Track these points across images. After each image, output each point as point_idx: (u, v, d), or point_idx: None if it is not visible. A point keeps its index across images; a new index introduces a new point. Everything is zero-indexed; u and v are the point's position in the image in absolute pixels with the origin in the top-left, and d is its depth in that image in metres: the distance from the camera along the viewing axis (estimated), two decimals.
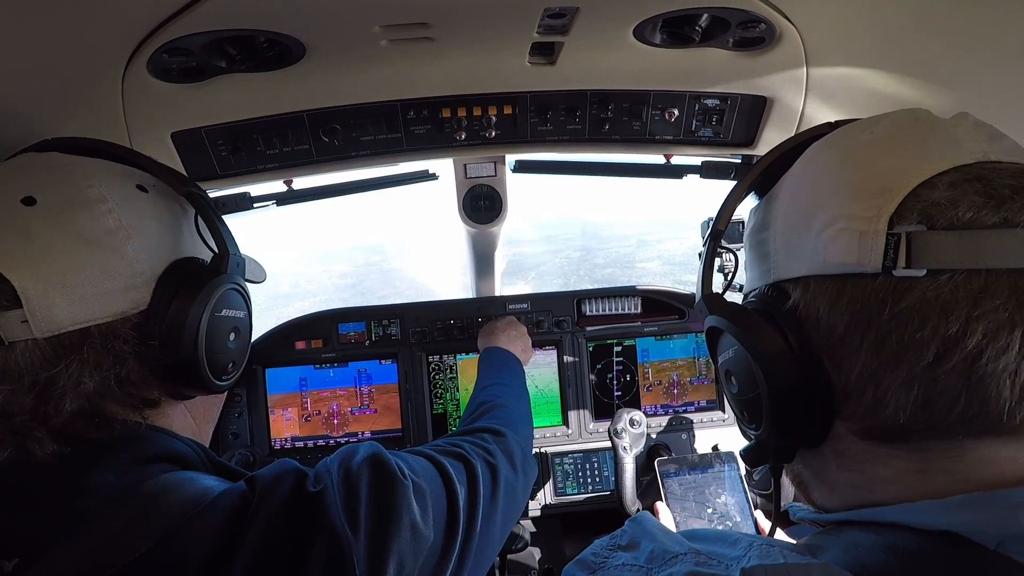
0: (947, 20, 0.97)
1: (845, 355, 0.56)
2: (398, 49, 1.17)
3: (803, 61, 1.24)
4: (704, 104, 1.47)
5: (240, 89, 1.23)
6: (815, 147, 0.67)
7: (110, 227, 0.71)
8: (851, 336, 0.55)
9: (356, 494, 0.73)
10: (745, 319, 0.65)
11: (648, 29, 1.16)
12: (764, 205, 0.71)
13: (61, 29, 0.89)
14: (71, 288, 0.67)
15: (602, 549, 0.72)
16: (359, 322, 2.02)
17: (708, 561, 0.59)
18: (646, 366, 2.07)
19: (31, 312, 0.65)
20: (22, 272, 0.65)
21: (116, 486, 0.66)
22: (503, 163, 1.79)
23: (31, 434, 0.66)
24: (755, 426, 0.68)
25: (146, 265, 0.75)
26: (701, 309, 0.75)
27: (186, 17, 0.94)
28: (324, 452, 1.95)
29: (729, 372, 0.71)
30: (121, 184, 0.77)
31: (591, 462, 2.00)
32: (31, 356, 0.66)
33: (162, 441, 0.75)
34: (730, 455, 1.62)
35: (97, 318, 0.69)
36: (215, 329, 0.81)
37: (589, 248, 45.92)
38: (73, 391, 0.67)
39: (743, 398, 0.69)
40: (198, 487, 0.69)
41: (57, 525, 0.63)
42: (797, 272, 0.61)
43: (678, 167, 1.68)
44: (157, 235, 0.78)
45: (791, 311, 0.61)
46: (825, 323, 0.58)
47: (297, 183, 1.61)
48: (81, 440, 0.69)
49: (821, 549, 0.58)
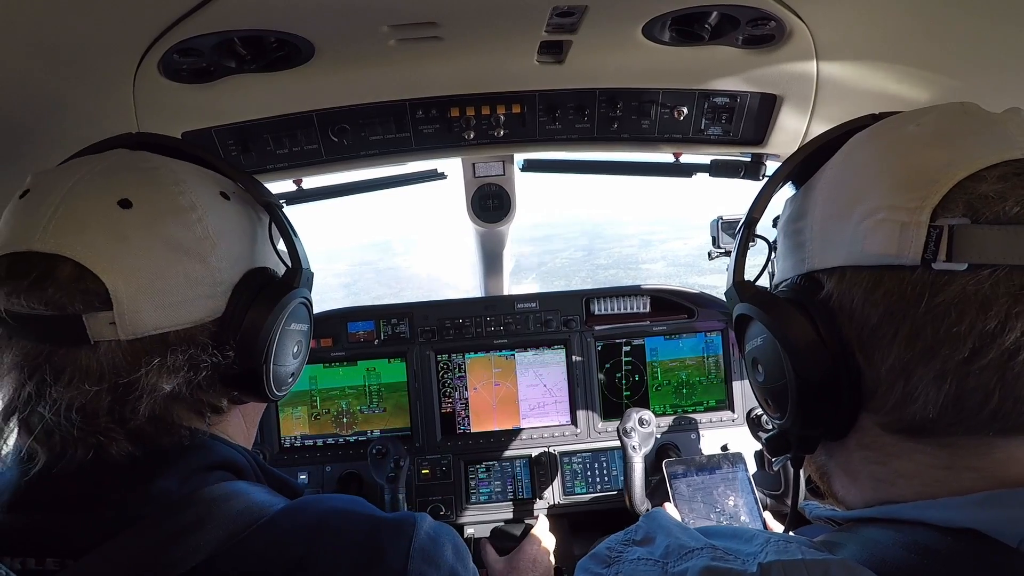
0: (957, 18, 0.97)
1: (877, 347, 0.56)
2: (407, 49, 1.17)
3: (813, 58, 1.23)
4: (713, 102, 1.46)
5: (250, 89, 1.23)
6: (858, 137, 0.65)
7: (199, 236, 0.73)
8: (884, 328, 0.55)
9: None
10: (776, 307, 0.64)
11: (657, 27, 1.15)
12: (802, 195, 0.69)
13: (73, 30, 0.90)
14: (158, 294, 0.68)
15: (617, 544, 0.72)
16: (368, 321, 2.03)
17: (725, 556, 0.58)
18: (655, 365, 2.06)
19: (120, 314, 0.66)
20: (116, 275, 0.66)
21: (176, 493, 0.68)
22: (512, 162, 1.79)
23: (111, 435, 0.67)
24: (780, 415, 0.68)
25: (226, 274, 0.76)
26: (731, 296, 0.74)
27: (196, 18, 0.95)
28: (333, 451, 1.97)
29: (756, 360, 0.70)
30: (208, 191, 0.78)
31: (600, 461, 2.00)
32: (112, 357, 0.67)
33: (219, 449, 0.77)
34: (739, 456, 1.61)
35: (177, 324, 0.71)
36: (284, 341, 0.82)
37: (591, 248, 45.34)
38: (150, 395, 0.68)
39: (770, 387, 0.68)
40: (252, 500, 0.70)
41: (107, 527, 0.64)
42: (833, 262, 0.60)
43: (687, 165, 1.68)
44: (237, 244, 0.79)
45: (824, 301, 0.61)
46: (859, 314, 0.57)
47: (307, 182, 1.62)
48: (153, 444, 0.70)
49: (839, 546, 0.58)
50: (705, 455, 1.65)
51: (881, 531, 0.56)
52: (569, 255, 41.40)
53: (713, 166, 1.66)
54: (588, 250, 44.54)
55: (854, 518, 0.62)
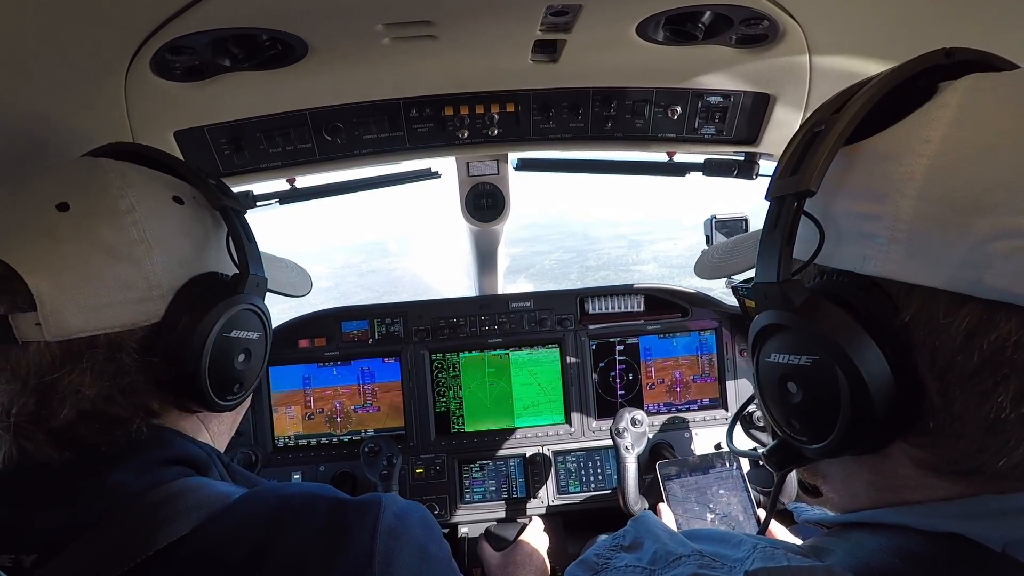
0: (951, 14, 0.97)
1: (965, 394, 0.47)
2: (401, 47, 1.17)
3: (806, 58, 1.24)
4: (707, 101, 1.46)
5: (243, 88, 1.23)
6: (974, 100, 0.48)
7: (133, 238, 0.72)
8: (984, 377, 0.45)
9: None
10: (845, 328, 0.50)
11: (651, 26, 1.15)
12: (876, 162, 0.51)
13: (64, 28, 0.89)
14: (85, 296, 0.68)
15: (605, 550, 0.71)
16: (362, 320, 2.02)
17: (712, 563, 0.58)
18: (649, 364, 2.06)
19: (44, 316, 0.66)
20: (41, 276, 0.66)
21: (133, 486, 0.67)
22: (506, 161, 1.80)
23: (29, 435, 0.67)
24: (811, 440, 0.57)
25: (164, 278, 0.74)
26: (770, 297, 0.56)
27: (189, 15, 0.94)
28: (327, 450, 1.96)
29: (787, 378, 0.57)
30: (156, 195, 0.77)
31: (593, 461, 2.00)
32: (40, 359, 0.67)
33: (179, 444, 0.76)
34: (732, 456, 1.61)
35: (106, 327, 0.70)
36: (223, 348, 0.79)
37: (580, 249, 44.81)
38: (73, 397, 0.68)
39: (807, 411, 0.56)
40: (212, 492, 0.69)
41: (74, 523, 0.64)
42: (923, 279, 0.47)
43: (681, 164, 1.68)
44: (181, 249, 0.78)
45: (903, 328, 0.49)
46: (950, 354, 0.46)
47: (300, 182, 1.61)
48: (86, 445, 0.69)
49: (826, 551, 0.57)
50: (698, 455, 1.65)
51: (868, 536, 0.56)
52: (558, 257, 40.88)
53: (707, 165, 1.67)
54: (577, 251, 44.02)
55: (842, 522, 0.61)
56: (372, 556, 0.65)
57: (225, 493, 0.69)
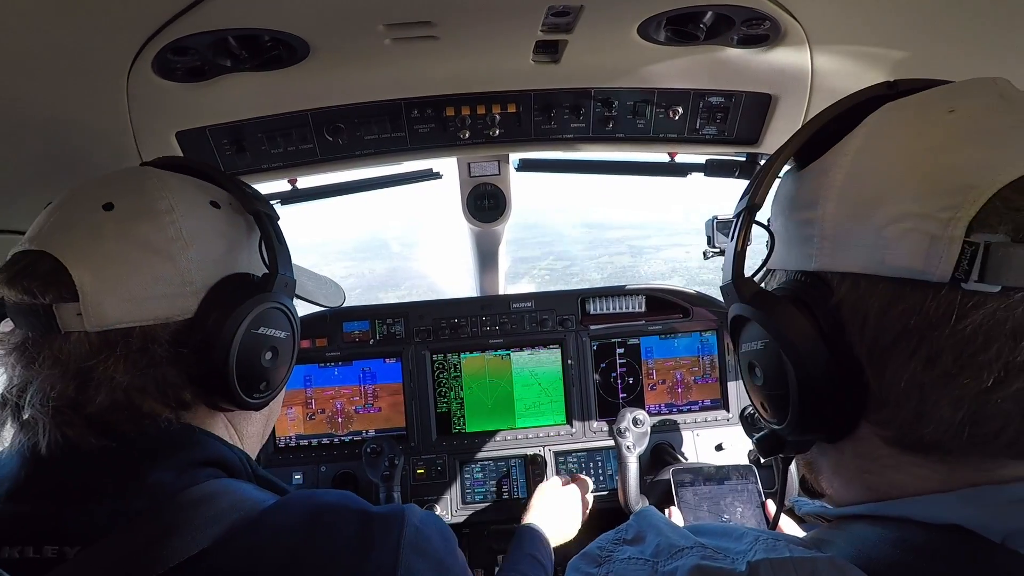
0: (953, 16, 0.97)
1: (890, 364, 0.52)
2: (402, 48, 1.17)
3: (808, 58, 1.24)
4: (708, 102, 1.46)
5: (244, 88, 1.23)
6: (880, 120, 0.58)
7: (170, 236, 0.76)
8: (900, 346, 0.51)
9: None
10: (782, 312, 0.58)
11: (652, 27, 1.15)
12: (813, 177, 0.61)
13: (66, 30, 0.89)
14: (124, 289, 0.73)
15: (608, 543, 0.71)
16: (363, 321, 2.02)
17: (714, 555, 0.58)
18: (650, 365, 2.06)
19: (85, 307, 0.71)
20: (84, 270, 0.71)
21: (171, 486, 0.70)
22: (507, 162, 1.79)
23: (69, 421, 0.71)
24: (777, 420, 0.64)
25: (197, 275, 0.78)
26: (729, 293, 0.66)
27: (191, 16, 0.95)
28: (328, 450, 1.96)
29: (754, 364, 0.65)
30: (194, 198, 0.82)
31: (595, 461, 2.00)
32: (79, 347, 0.72)
33: (212, 446, 0.79)
34: (749, 468, 1.60)
35: (141, 319, 0.74)
36: (250, 344, 0.82)
37: (573, 256, 43.64)
38: (108, 384, 0.72)
39: (768, 393, 0.64)
40: (243, 497, 0.71)
41: (112, 518, 0.67)
42: (846, 266, 0.55)
43: (682, 165, 1.68)
44: (215, 249, 0.82)
45: (834, 308, 0.56)
46: (872, 328, 0.53)
47: (301, 182, 1.61)
48: (119, 433, 0.72)
49: (827, 543, 0.58)
50: (714, 465, 1.64)
51: (869, 528, 0.56)
52: (548, 264, 39.83)
53: (708, 166, 1.66)
54: (570, 258, 42.79)
55: (843, 515, 0.62)
56: (396, 569, 0.69)
57: (257, 499, 0.72)
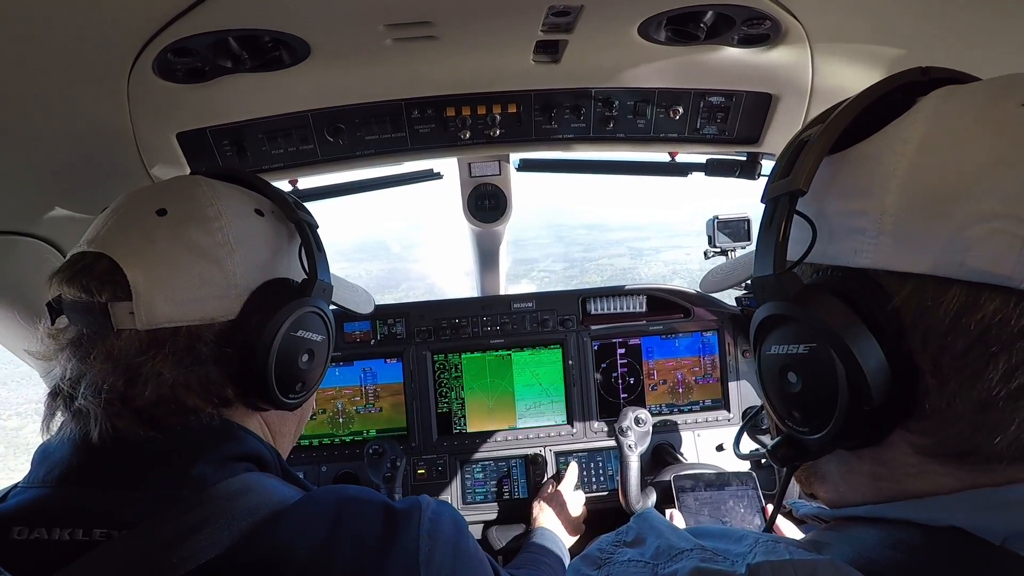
0: (953, 13, 0.97)
1: (957, 376, 0.48)
2: (402, 48, 1.17)
3: (808, 57, 1.24)
4: (709, 102, 1.46)
5: (245, 89, 1.23)
6: (944, 108, 0.53)
7: (217, 241, 0.81)
8: (974, 356, 0.47)
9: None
10: (839, 316, 0.52)
11: (653, 27, 1.15)
12: (860, 163, 0.55)
13: (66, 31, 0.89)
14: (173, 290, 0.77)
15: (608, 545, 0.71)
16: (364, 321, 2.03)
17: (714, 557, 0.58)
18: (651, 365, 2.06)
19: (137, 306, 0.75)
20: (138, 270, 0.76)
21: (211, 477, 0.73)
22: (507, 162, 1.79)
23: (119, 414, 0.74)
24: (812, 430, 0.58)
25: (242, 279, 0.82)
26: (768, 288, 0.59)
27: (191, 17, 0.95)
28: (329, 451, 1.96)
29: (788, 368, 0.59)
30: (240, 206, 0.87)
31: (596, 461, 2.00)
32: (130, 344, 0.76)
33: (250, 442, 0.82)
34: (749, 476, 1.61)
35: (188, 319, 0.78)
36: (288, 347, 0.85)
37: (572, 259, 43.35)
38: (155, 380, 0.76)
39: (807, 400, 0.58)
40: (275, 491, 0.75)
41: (156, 505, 0.70)
42: (910, 266, 0.50)
43: (683, 165, 1.68)
44: (259, 254, 0.86)
45: (894, 313, 0.51)
46: (940, 336, 0.48)
47: (302, 183, 1.62)
48: (164, 426, 0.76)
49: (826, 545, 0.58)
50: (715, 472, 1.64)
51: (868, 530, 0.56)
52: (547, 266, 39.61)
53: (709, 165, 1.67)
54: (569, 260, 42.49)
55: (841, 517, 0.62)
56: (417, 554, 0.73)
57: (287, 494, 0.76)
